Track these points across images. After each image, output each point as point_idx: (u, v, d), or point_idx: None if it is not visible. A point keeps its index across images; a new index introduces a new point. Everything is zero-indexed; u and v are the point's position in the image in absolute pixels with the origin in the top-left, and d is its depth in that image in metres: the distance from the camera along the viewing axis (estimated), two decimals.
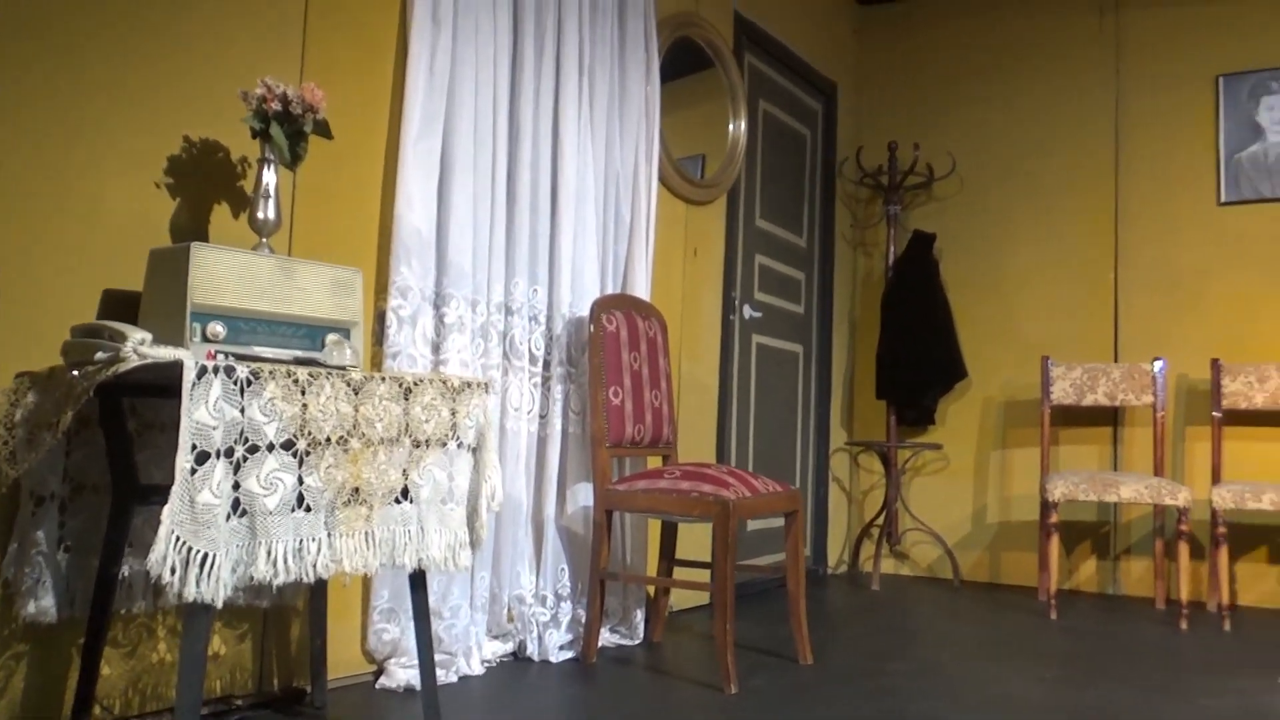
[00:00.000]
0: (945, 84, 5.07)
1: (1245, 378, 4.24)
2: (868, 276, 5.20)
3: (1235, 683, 2.93)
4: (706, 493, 2.74)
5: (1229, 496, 3.80)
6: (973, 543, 4.83)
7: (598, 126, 3.25)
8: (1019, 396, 4.79)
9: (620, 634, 3.20)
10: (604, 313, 3.04)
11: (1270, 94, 4.43)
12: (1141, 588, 4.47)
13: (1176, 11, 4.63)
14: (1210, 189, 4.52)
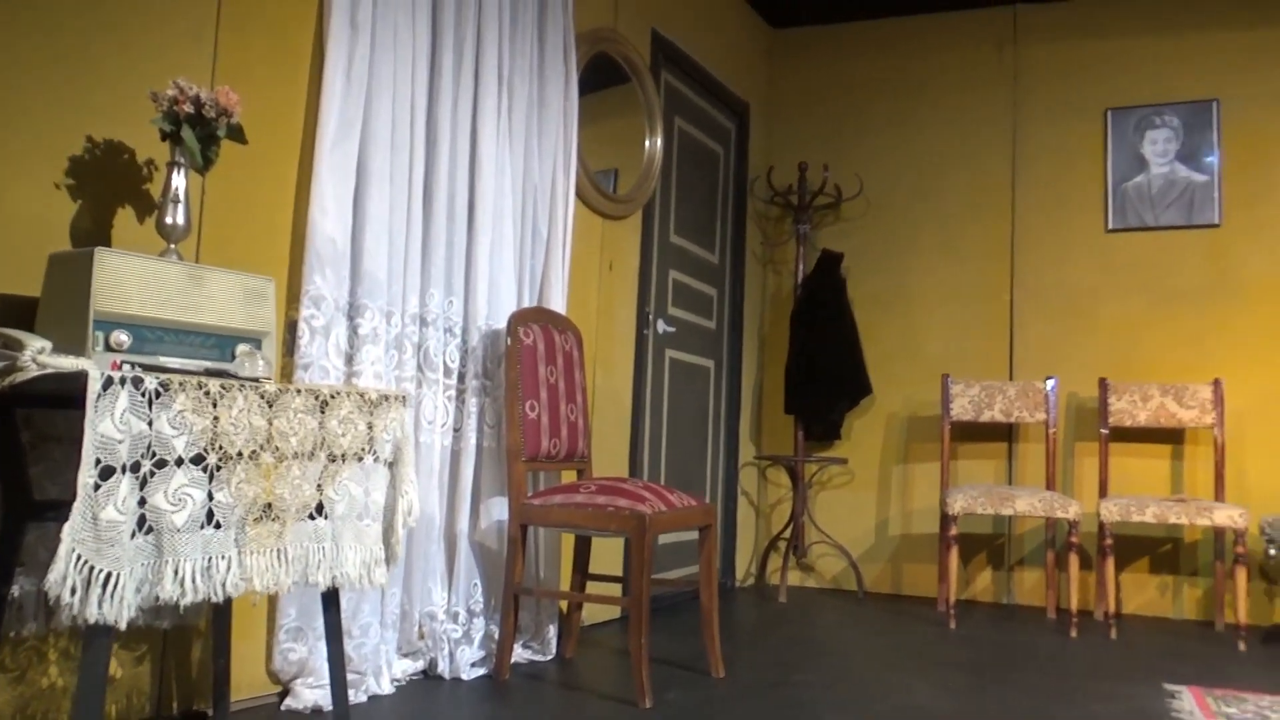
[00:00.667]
0: (854, 108, 5.21)
1: (1130, 396, 4.46)
2: (777, 293, 5.29)
3: (1123, 688, 3.07)
4: (623, 507, 2.74)
5: (1115, 510, 3.99)
6: (876, 555, 4.96)
7: (516, 138, 3.24)
8: (921, 413, 4.94)
9: (533, 650, 3.18)
10: (521, 326, 3.02)
11: (1154, 128, 4.69)
12: (1034, 597, 4.65)
13: (1069, 48, 4.87)
14: (1099, 216, 4.75)
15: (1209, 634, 4.13)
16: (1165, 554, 4.52)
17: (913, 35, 5.13)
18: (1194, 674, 3.30)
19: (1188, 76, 4.67)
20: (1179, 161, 4.65)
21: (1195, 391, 4.38)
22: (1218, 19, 4.65)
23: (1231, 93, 4.60)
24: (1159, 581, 4.52)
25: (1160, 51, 4.73)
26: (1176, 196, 4.64)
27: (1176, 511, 3.92)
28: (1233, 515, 3.84)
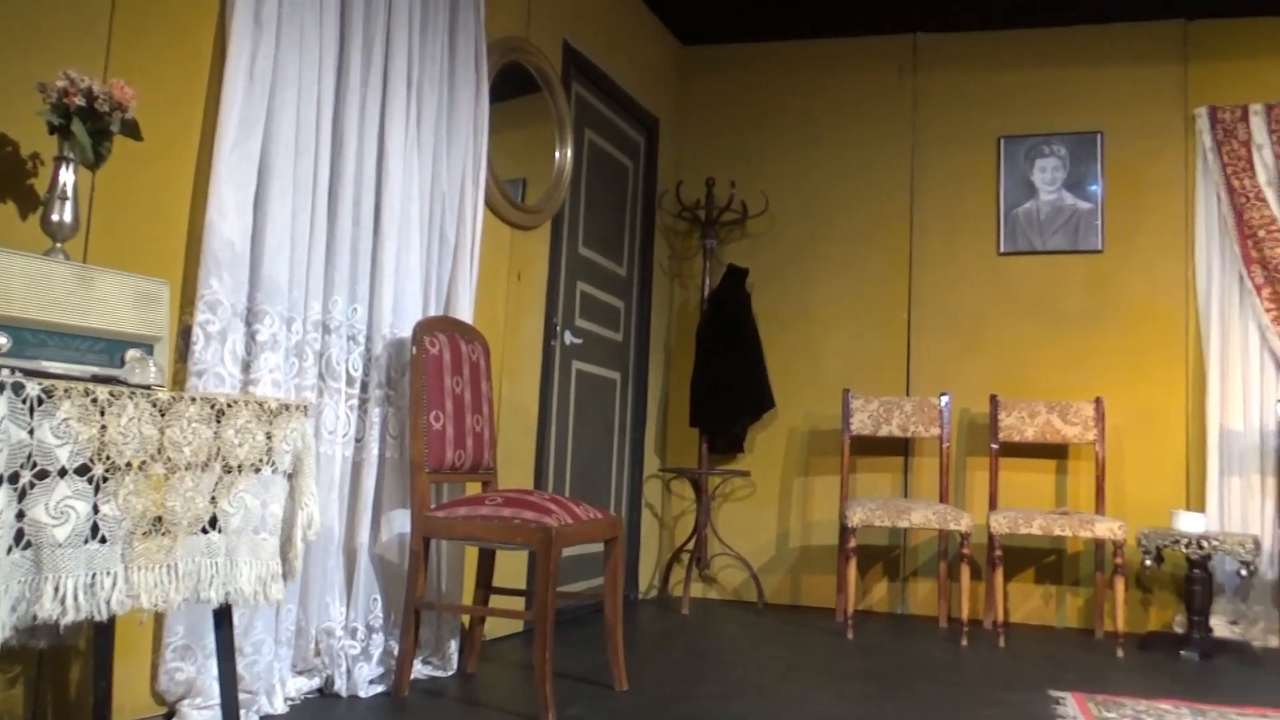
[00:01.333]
0: (761, 126, 5.30)
1: (1019, 413, 4.64)
2: (684, 307, 5.34)
3: (1012, 695, 3.18)
4: (529, 520, 2.72)
5: (1004, 522, 4.14)
6: (776, 566, 5.03)
7: (425, 143, 3.19)
8: (821, 426, 5.04)
9: (433, 665, 3.12)
10: (427, 335, 2.97)
11: (1043, 156, 4.91)
12: (927, 607, 4.79)
13: (966, 77, 5.06)
14: (991, 240, 4.94)
15: (1090, 641, 4.31)
16: (1050, 565, 4.71)
17: (819, 58, 5.25)
18: (1077, 680, 3.44)
19: (1075, 109, 4.90)
20: (1066, 189, 4.87)
21: (1079, 409, 4.58)
22: (1102, 56, 4.89)
23: (1114, 126, 4.85)
24: (1044, 591, 4.71)
25: (1050, 84, 4.95)
26: (1063, 223, 4.86)
27: (1061, 524, 4.09)
28: (1112, 528, 4.03)
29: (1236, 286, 4.60)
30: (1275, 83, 4.64)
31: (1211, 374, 4.58)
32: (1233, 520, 4.48)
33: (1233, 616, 4.41)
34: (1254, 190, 4.56)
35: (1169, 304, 4.72)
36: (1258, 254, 4.52)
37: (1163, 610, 4.55)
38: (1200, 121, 4.71)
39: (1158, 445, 4.66)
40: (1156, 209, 4.78)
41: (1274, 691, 3.44)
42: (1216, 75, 4.74)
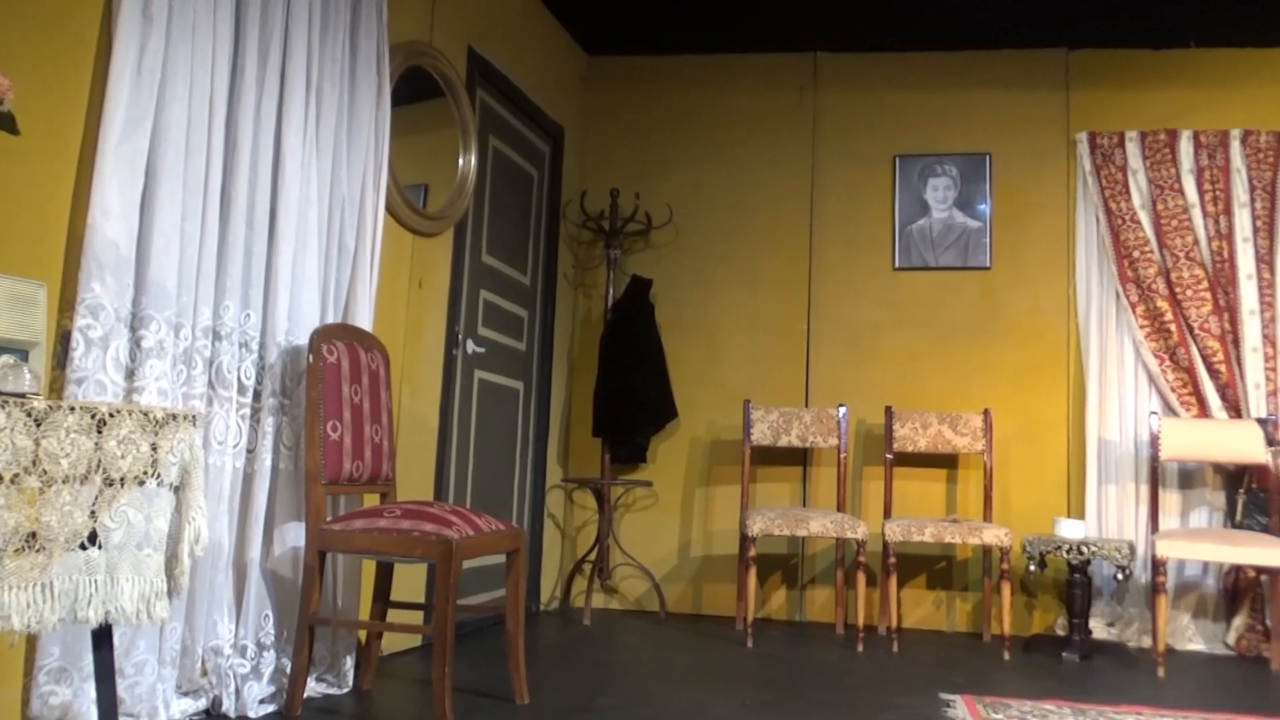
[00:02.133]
0: (666, 139, 5.34)
1: (912, 424, 4.78)
2: (587, 317, 5.33)
3: (904, 699, 3.27)
4: (429, 532, 2.67)
5: (898, 530, 4.25)
6: (678, 575, 5.06)
7: (324, 146, 3.11)
8: (723, 437, 5.10)
9: (328, 683, 3.03)
10: (324, 342, 2.89)
11: (935, 176, 5.08)
12: (824, 614, 4.88)
13: (863, 96, 5.20)
14: (887, 255, 5.09)
15: (978, 645, 4.46)
16: (941, 571, 4.86)
17: (722, 73, 5.33)
18: (966, 683, 3.55)
19: (965, 131, 5.09)
20: (957, 208, 5.05)
21: (968, 420, 4.75)
22: (990, 81, 5.10)
23: (1001, 148, 5.05)
24: (935, 596, 4.85)
25: (942, 106, 5.13)
26: (954, 240, 5.04)
27: (951, 532, 4.23)
28: (999, 535, 4.18)
29: (1113, 304, 4.84)
30: (1150, 111, 4.91)
31: (1090, 387, 4.80)
32: (1109, 526, 4.70)
33: (1110, 618, 4.62)
34: (1129, 213, 4.80)
35: (1051, 319, 4.93)
36: (1133, 273, 4.77)
37: (1046, 613, 4.74)
38: (1081, 146, 4.95)
39: (1041, 455, 4.86)
40: (1040, 229, 4.99)
41: (1147, 690, 3.62)
42: (1096, 103, 4.99)
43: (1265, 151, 4.74)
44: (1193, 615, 4.60)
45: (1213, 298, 4.64)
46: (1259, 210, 4.70)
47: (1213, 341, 4.60)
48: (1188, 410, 4.62)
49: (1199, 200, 4.75)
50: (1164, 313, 4.68)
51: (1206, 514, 4.67)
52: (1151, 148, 4.84)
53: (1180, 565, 4.58)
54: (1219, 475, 4.66)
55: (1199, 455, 4.47)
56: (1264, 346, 4.59)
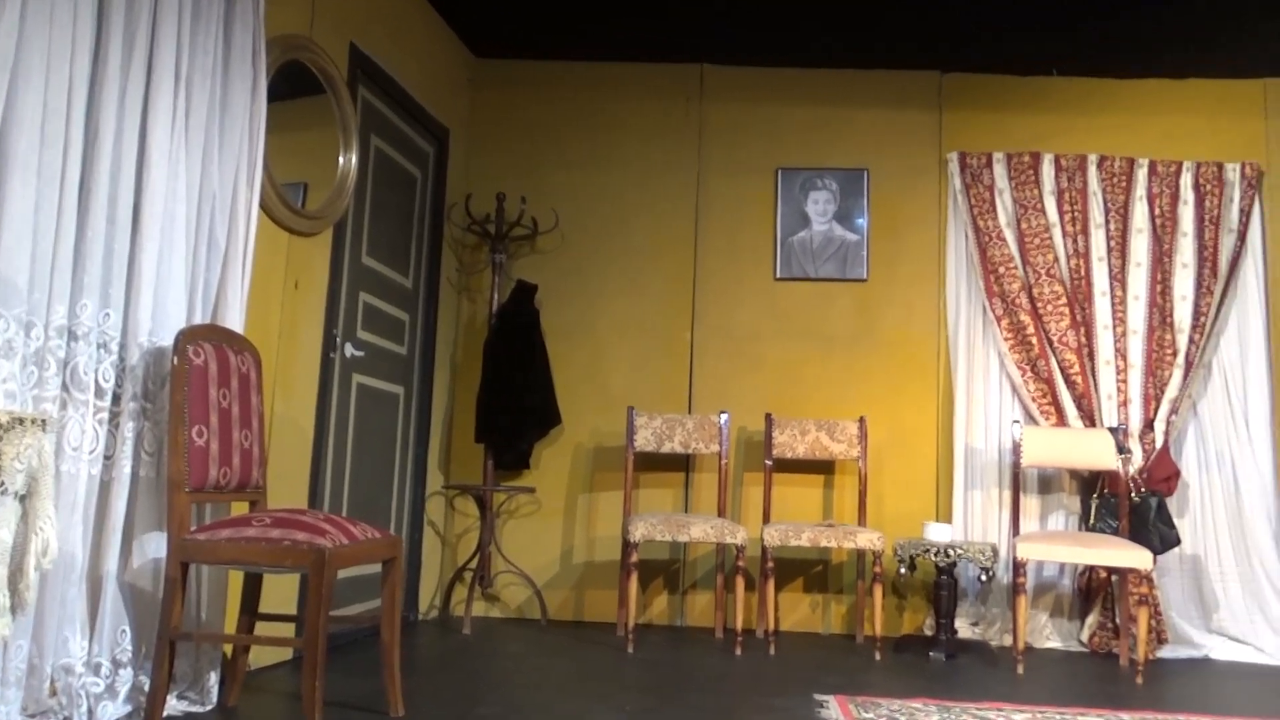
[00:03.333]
0: (552, 144, 5.33)
1: (791, 431, 4.89)
2: (471, 321, 5.27)
3: (780, 701, 3.33)
4: (300, 541, 2.58)
5: (776, 535, 4.34)
6: (560, 582, 5.04)
7: (194, 140, 2.99)
8: (607, 443, 5.11)
9: (190, 700, 2.89)
10: (190, 344, 2.77)
11: (816, 189, 5.22)
12: (704, 618, 4.94)
13: (748, 108, 5.30)
14: (769, 266, 5.20)
15: (851, 646, 4.59)
16: (817, 574, 4.99)
17: (610, 80, 5.35)
18: (840, 684, 3.65)
19: (844, 146, 5.25)
20: (836, 221, 5.20)
21: (844, 427, 4.89)
22: (868, 99, 5.27)
23: (878, 164, 5.23)
24: (811, 599, 4.97)
25: (823, 121, 5.28)
26: (833, 252, 5.18)
27: (827, 536, 4.34)
28: (872, 539, 4.32)
29: (980, 317, 5.06)
30: (1016, 135, 5.16)
31: (958, 396, 5.01)
32: (975, 530, 4.91)
33: (974, 618, 4.82)
34: (996, 230, 5.04)
35: (923, 331, 5.13)
36: (998, 288, 5.00)
37: (915, 614, 4.92)
38: (952, 165, 5.16)
39: (913, 461, 5.04)
40: (914, 243, 5.18)
41: (1007, 686, 3.79)
42: (967, 124, 5.22)
43: (1119, 176, 5.04)
44: (1050, 614, 4.84)
45: (1070, 313, 4.90)
46: (1112, 231, 5.00)
47: (1070, 354, 4.86)
48: (1047, 419, 4.86)
49: (1059, 220, 5.02)
50: (1026, 326, 4.92)
51: (1064, 517, 4.92)
52: (1017, 169, 5.08)
53: (1039, 566, 4.82)
54: (1075, 480, 4.93)
55: (1057, 462, 4.72)
56: (1116, 360, 4.88)
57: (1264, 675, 4.32)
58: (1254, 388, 4.93)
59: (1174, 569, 4.81)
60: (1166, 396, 4.81)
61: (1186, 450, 4.92)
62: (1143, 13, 4.66)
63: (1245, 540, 4.79)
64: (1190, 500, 4.88)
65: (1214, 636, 4.72)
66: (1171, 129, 5.14)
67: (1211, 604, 4.78)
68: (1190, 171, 5.03)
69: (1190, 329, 4.87)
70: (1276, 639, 4.64)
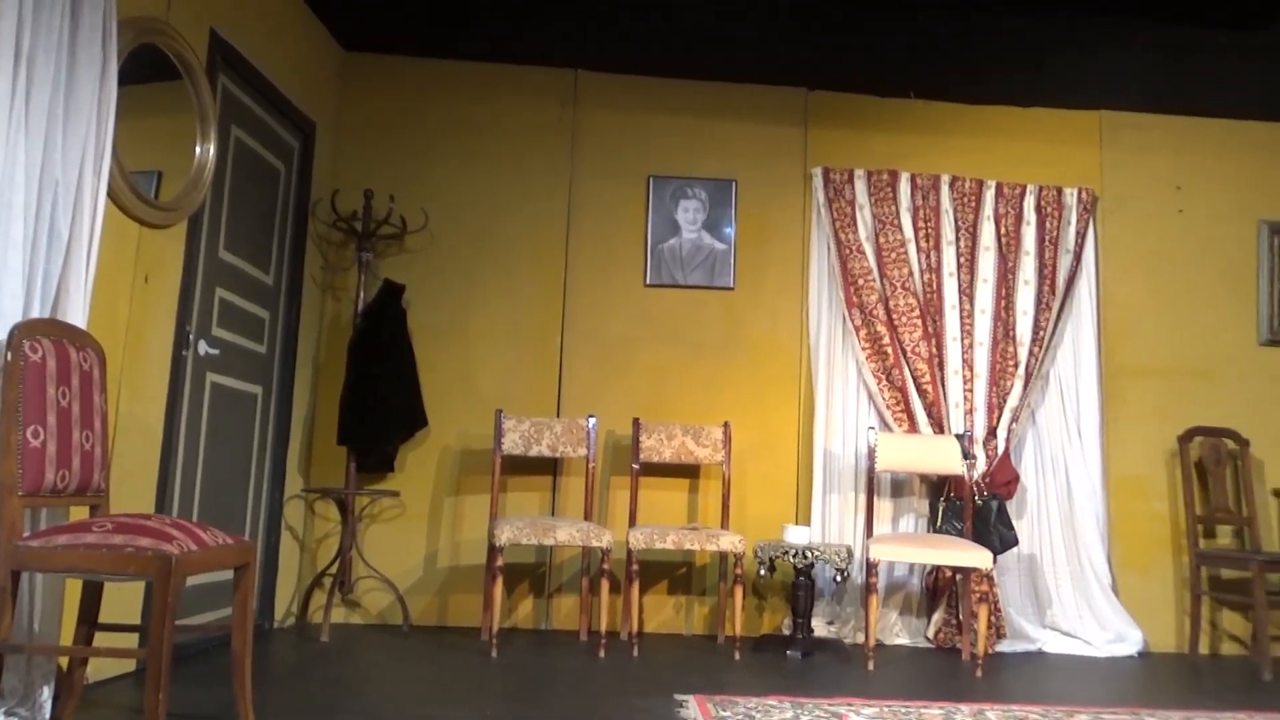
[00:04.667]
0: (424, 142, 5.25)
1: (658, 435, 4.97)
2: (336, 320, 5.14)
3: (640, 702, 3.38)
4: (145, 547, 2.47)
5: (641, 538, 4.40)
6: (424, 587, 4.96)
7: (35, 123, 2.81)
8: (474, 446, 5.07)
9: (20, 716, 2.72)
10: (27, 339, 2.61)
11: (686, 198, 5.32)
12: (570, 622, 4.96)
13: (621, 115, 5.36)
14: (639, 272, 5.26)
15: (713, 646, 4.69)
16: (681, 576, 5.07)
17: (484, 81, 5.31)
18: (700, 684, 3.72)
19: (714, 157, 5.37)
20: (705, 230, 5.31)
21: (710, 432, 4.99)
22: (738, 112, 5.41)
23: (746, 176, 5.36)
24: (675, 601, 5.06)
25: (694, 131, 5.38)
26: (702, 260, 5.29)
27: (690, 539, 4.42)
28: (733, 541, 4.42)
29: (840, 326, 5.26)
30: (876, 152, 5.39)
31: (819, 403, 5.19)
32: (832, 532, 5.09)
33: (830, 617, 5.00)
34: (856, 244, 5.24)
35: (787, 339, 5.29)
36: (858, 299, 5.20)
37: (774, 615, 5.06)
38: (816, 180, 5.35)
39: (775, 465, 5.19)
40: (779, 254, 5.34)
41: (858, 682, 3.95)
42: (831, 140, 5.42)
43: (968, 196, 5.33)
44: (900, 612, 5.06)
45: (923, 325, 5.15)
46: (962, 248, 5.27)
47: (922, 364, 5.10)
48: (900, 426, 5.09)
49: (914, 236, 5.26)
50: (882, 337, 5.14)
51: (914, 520, 5.16)
52: (876, 186, 5.30)
53: (890, 567, 5.04)
54: (925, 484, 5.17)
55: (908, 467, 4.94)
56: (963, 370, 5.15)
57: (1090, 666, 4.64)
58: (1085, 398, 5.29)
59: (1013, 568, 5.11)
60: (1008, 405, 5.10)
61: (1025, 456, 5.24)
62: (992, 43, 4.95)
63: (1076, 540, 5.13)
64: (1028, 503, 5.20)
65: (1047, 631, 5.04)
66: (1017, 154, 5.47)
67: (1045, 600, 5.10)
68: (1033, 194, 5.36)
69: (1030, 342, 5.19)
70: (1102, 633, 4.99)
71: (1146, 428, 5.34)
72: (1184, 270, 5.49)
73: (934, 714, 3.35)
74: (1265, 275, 5.50)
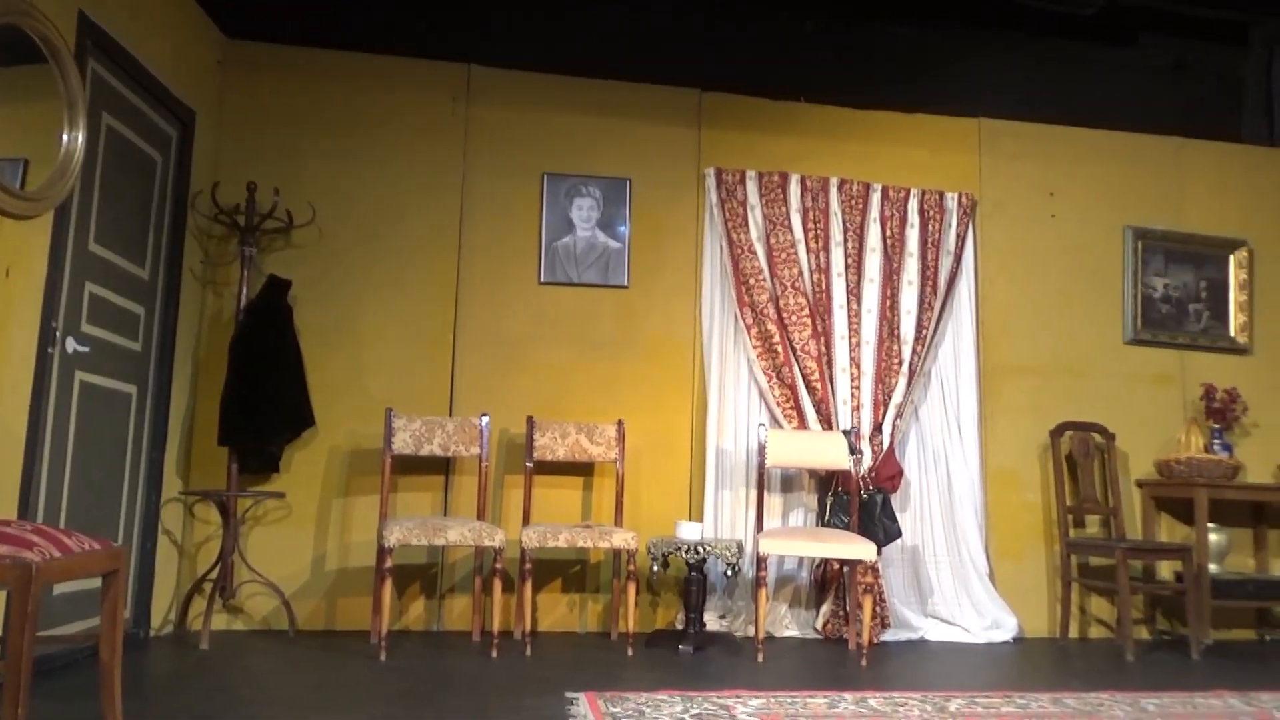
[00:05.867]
0: (310, 134, 5.11)
1: (552, 433, 4.96)
2: (217, 317, 4.96)
3: (531, 701, 3.37)
4: (3, 555, 2.34)
5: (535, 536, 4.38)
6: (311, 591, 4.84)
7: None
8: (364, 446, 4.96)
9: None
10: None
11: (580, 196, 5.31)
12: (462, 622, 4.91)
13: (515, 112, 5.32)
14: (533, 270, 5.24)
15: (606, 643, 4.71)
16: (575, 574, 5.07)
17: (374, 73, 5.21)
18: (592, 680, 3.73)
19: (609, 155, 5.38)
20: (599, 228, 5.32)
21: (604, 430, 5.01)
22: (634, 110, 5.43)
23: (640, 175, 5.39)
24: (569, 599, 5.06)
25: (589, 130, 5.38)
26: (596, 258, 5.30)
27: (583, 536, 4.43)
28: (626, 538, 4.45)
29: (733, 325, 5.34)
30: (767, 154, 5.49)
31: (712, 400, 5.26)
32: (724, 528, 5.17)
33: (722, 611, 5.08)
34: (747, 244, 5.33)
35: (680, 338, 5.34)
36: (749, 299, 5.29)
37: (668, 610, 5.11)
38: (709, 180, 5.41)
39: (669, 463, 5.24)
40: (673, 253, 5.39)
41: (748, 674, 4.03)
42: (723, 141, 5.49)
43: (856, 199, 5.47)
44: (789, 605, 5.18)
45: (812, 323, 5.27)
46: (850, 250, 5.42)
47: (811, 362, 5.21)
48: (790, 423, 5.20)
49: (804, 237, 5.38)
50: (773, 335, 5.24)
51: (803, 514, 5.28)
52: (767, 187, 5.40)
53: (780, 561, 5.15)
54: (814, 479, 5.30)
55: (797, 462, 5.05)
56: (851, 368, 5.29)
57: (969, 653, 4.83)
58: (965, 395, 5.50)
59: (897, 559, 5.28)
60: (893, 402, 5.27)
61: (909, 451, 5.42)
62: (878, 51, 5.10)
63: (956, 532, 5.34)
64: (911, 496, 5.38)
65: (929, 620, 5.22)
66: (902, 158, 5.64)
67: (927, 590, 5.29)
68: (916, 198, 5.54)
69: (914, 341, 5.37)
70: (980, 620, 5.20)
71: (1021, 423, 5.59)
72: (1056, 273, 5.76)
73: (819, 703, 3.44)
74: (1130, 278, 5.81)
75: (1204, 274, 5.92)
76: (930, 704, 3.48)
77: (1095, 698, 3.71)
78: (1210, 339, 5.87)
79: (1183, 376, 5.80)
